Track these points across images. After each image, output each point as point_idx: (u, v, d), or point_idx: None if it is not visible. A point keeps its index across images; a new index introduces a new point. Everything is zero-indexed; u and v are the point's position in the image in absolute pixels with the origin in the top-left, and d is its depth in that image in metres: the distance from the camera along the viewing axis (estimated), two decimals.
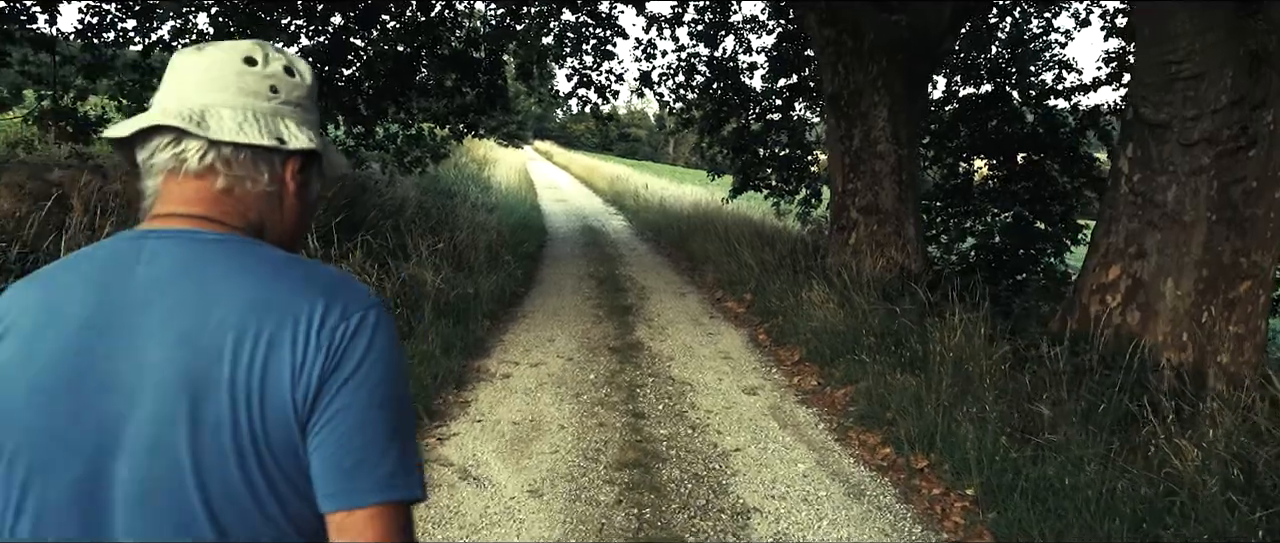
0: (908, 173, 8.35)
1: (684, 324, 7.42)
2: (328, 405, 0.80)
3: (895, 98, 8.25)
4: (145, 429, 0.79)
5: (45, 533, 0.80)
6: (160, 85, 0.92)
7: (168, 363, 0.80)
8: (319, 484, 0.81)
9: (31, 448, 0.80)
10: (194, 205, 0.89)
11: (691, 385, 5.59)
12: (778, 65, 12.97)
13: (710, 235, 10.51)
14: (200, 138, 0.88)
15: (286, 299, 0.83)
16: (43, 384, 0.81)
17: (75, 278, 0.86)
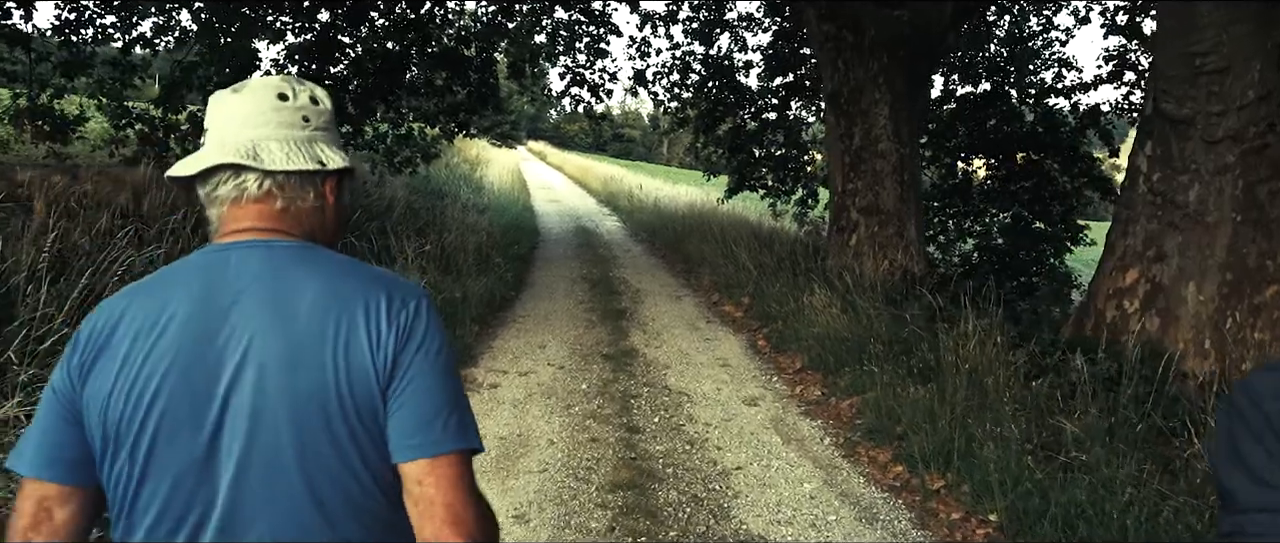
0: (909, 172, 8.04)
1: (680, 329, 7.09)
2: (404, 373, 0.98)
3: (896, 95, 7.93)
4: (252, 404, 0.94)
5: (161, 494, 0.95)
6: (206, 124, 1.07)
7: (266, 348, 0.95)
8: (401, 439, 0.97)
9: (153, 425, 0.95)
10: (261, 222, 1.05)
11: (689, 396, 5.26)
12: (774, 64, 12.65)
13: (706, 237, 10.18)
14: (256, 170, 1.03)
15: (356, 292, 1.00)
16: (161, 371, 0.95)
17: (177, 283, 1.01)
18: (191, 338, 0.97)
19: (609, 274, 9.87)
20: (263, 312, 0.98)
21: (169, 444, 0.95)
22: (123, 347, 0.97)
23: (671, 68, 13.14)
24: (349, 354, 0.96)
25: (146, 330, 0.98)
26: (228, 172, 1.04)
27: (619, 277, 9.72)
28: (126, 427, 0.96)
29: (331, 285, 1.00)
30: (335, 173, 1.11)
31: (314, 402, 0.95)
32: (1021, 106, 12.09)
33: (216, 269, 1.01)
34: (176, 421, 0.95)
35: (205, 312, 0.98)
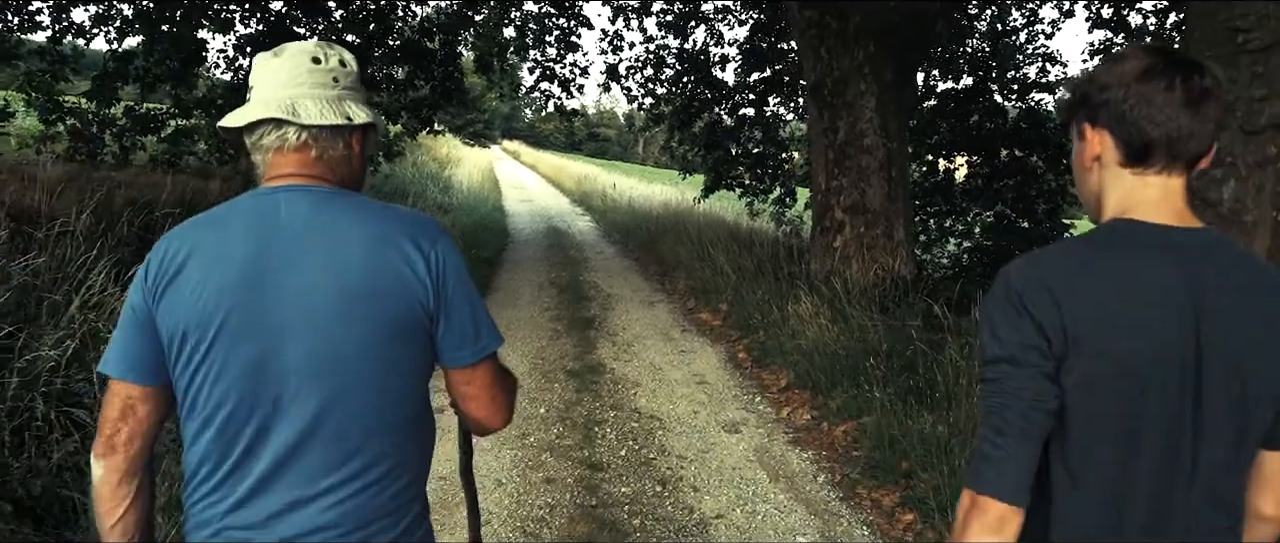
0: (897, 169, 7.38)
1: (652, 340, 6.37)
2: (447, 298, 1.18)
3: (883, 86, 7.26)
4: (312, 321, 1.12)
5: (232, 390, 1.12)
6: (252, 83, 1.23)
7: (321, 276, 1.12)
8: (450, 351, 1.21)
9: (226, 334, 1.11)
10: (301, 168, 1.20)
11: (661, 421, 4.54)
12: (751, 58, 11.97)
13: (682, 238, 9.46)
14: (295, 124, 1.19)
15: (395, 234, 1.16)
16: (229, 290, 1.11)
17: (235, 219, 1.16)
18: (254, 265, 1.12)
19: (579, 278, 9.13)
20: (317, 247, 1.14)
21: (237, 352, 1.12)
22: (194, 273, 1.13)
23: (645, 62, 12.43)
24: (396, 286, 1.14)
25: (214, 259, 1.13)
26: (270, 125, 1.19)
27: (589, 281, 8.98)
28: (198, 338, 1.12)
29: (375, 228, 1.16)
30: (360, 127, 1.26)
31: (366, 320, 1.13)
32: (1005, 103, 11.52)
33: (269, 209, 1.16)
34: (241, 336, 1.11)
35: (264, 244, 1.13)
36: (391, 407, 1.17)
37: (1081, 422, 1.03)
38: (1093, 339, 1.00)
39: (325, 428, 1.13)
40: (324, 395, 1.13)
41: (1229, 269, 1.05)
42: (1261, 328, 1.03)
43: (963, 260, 10.26)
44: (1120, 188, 1.10)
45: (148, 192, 6.90)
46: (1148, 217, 1.07)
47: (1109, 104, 1.07)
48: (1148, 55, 1.06)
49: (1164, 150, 1.05)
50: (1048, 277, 1.03)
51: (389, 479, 1.18)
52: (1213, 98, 1.04)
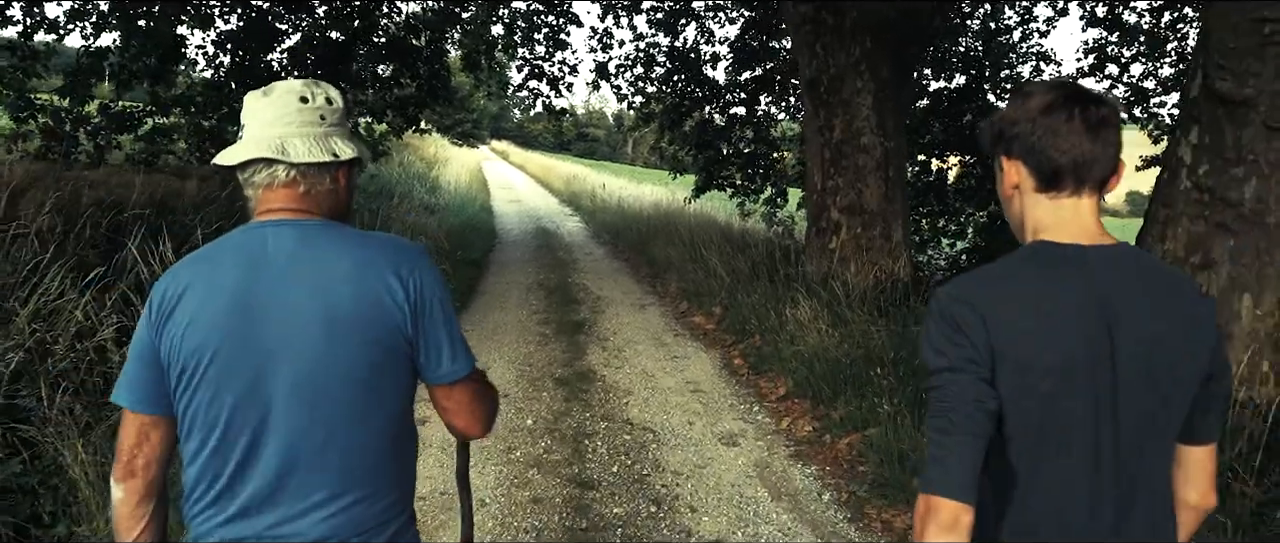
0: (895, 168, 7.14)
1: (644, 345, 6.10)
2: (424, 322, 1.23)
3: (880, 83, 7.03)
4: (299, 346, 1.17)
5: (226, 412, 1.19)
6: (243, 120, 1.28)
7: (306, 304, 1.18)
8: (430, 370, 1.27)
9: (219, 360, 1.18)
10: (289, 203, 1.26)
11: (654, 433, 4.27)
12: (742, 57, 11.72)
13: (673, 239, 9.20)
14: (284, 162, 1.24)
15: (377, 261, 1.22)
16: (222, 320, 1.18)
17: (225, 255, 1.23)
18: (243, 296, 1.19)
19: (568, 280, 8.86)
20: (303, 278, 1.19)
21: (229, 378, 1.18)
22: (190, 306, 1.19)
23: (635, 60, 12.13)
24: (377, 312, 1.20)
25: (207, 292, 1.19)
26: (261, 163, 1.24)
27: (578, 283, 8.70)
28: (195, 366, 1.18)
29: (357, 256, 1.22)
30: (346, 162, 1.31)
31: (350, 343, 1.18)
32: (999, 102, 11.32)
33: (257, 243, 1.22)
34: (233, 362, 1.18)
35: (252, 276, 1.20)
36: (374, 429, 1.23)
37: (1015, 429, 1.10)
38: (1014, 353, 1.08)
39: (311, 450, 1.20)
40: (309, 419, 1.19)
41: (1136, 278, 1.13)
42: (1167, 327, 1.11)
43: (960, 261, 10.01)
44: (1037, 211, 1.17)
45: (119, 191, 6.59)
46: (1062, 237, 1.14)
47: (1020, 137, 1.15)
48: (1050, 91, 1.15)
49: (1071, 175, 1.13)
50: (972, 298, 1.12)
51: (375, 496, 1.25)
52: (1110, 125, 1.12)
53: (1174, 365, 1.11)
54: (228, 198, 7.04)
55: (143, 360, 1.23)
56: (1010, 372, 1.08)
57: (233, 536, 1.20)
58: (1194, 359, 1.13)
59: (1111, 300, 1.10)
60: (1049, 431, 1.10)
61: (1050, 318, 1.09)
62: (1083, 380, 1.09)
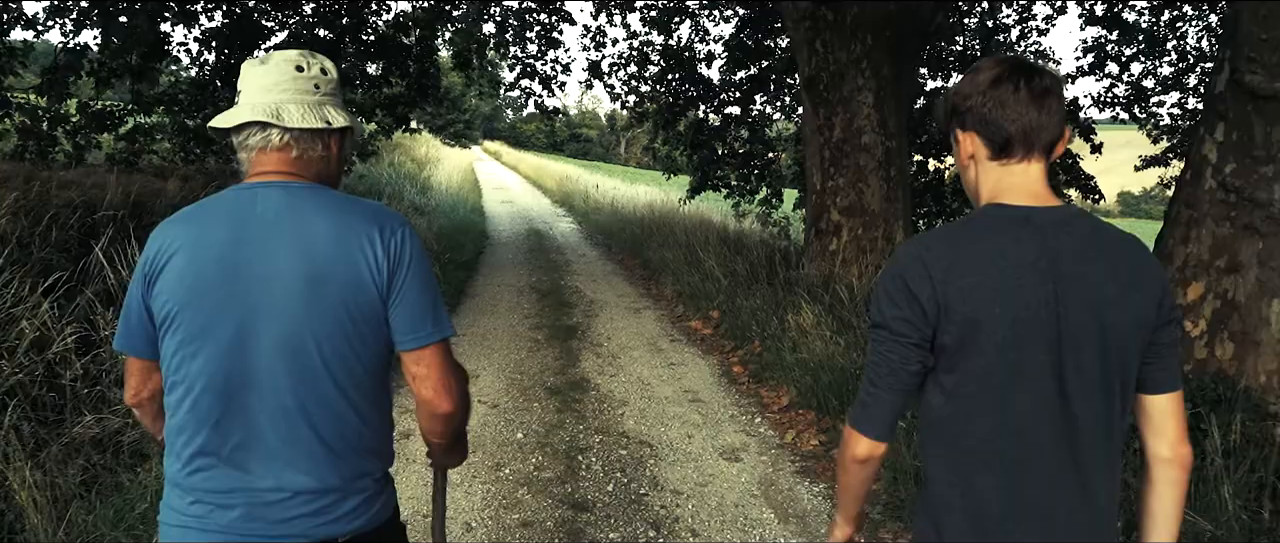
0: (897, 168, 6.89)
1: (640, 351, 5.84)
2: (398, 287, 1.25)
3: (881, 81, 6.78)
4: (280, 304, 1.20)
5: (207, 367, 1.22)
6: (239, 87, 1.31)
7: (288, 262, 1.21)
8: (401, 333, 1.27)
9: (202, 317, 1.21)
10: (281, 166, 1.29)
11: (652, 448, 4.01)
12: (737, 56, 11.46)
13: (668, 241, 8.94)
14: (279, 126, 1.27)
15: (358, 223, 1.25)
16: (207, 278, 1.21)
17: (215, 213, 1.25)
18: (228, 254, 1.21)
19: (561, 282, 8.59)
20: (287, 238, 1.22)
21: (212, 333, 1.21)
22: (178, 263, 1.22)
23: (629, 59, 11.87)
24: (356, 273, 1.22)
25: (195, 250, 1.22)
26: (256, 127, 1.27)
27: (572, 286, 8.43)
28: (180, 318, 1.22)
29: (340, 220, 1.24)
30: (339, 130, 1.34)
31: (328, 303, 1.21)
32: None
33: (246, 202, 1.25)
34: (218, 315, 1.21)
35: (240, 234, 1.22)
36: (351, 385, 1.25)
37: (966, 379, 1.16)
38: (965, 309, 1.13)
39: (289, 406, 1.22)
40: (288, 376, 1.21)
41: (1083, 238, 1.17)
42: (1114, 286, 1.15)
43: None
44: (991, 178, 1.22)
45: (94, 192, 6.29)
46: (1013, 200, 1.19)
47: (972, 110, 1.21)
48: (997, 65, 1.20)
49: (1021, 142, 1.19)
50: (926, 256, 1.18)
51: (350, 453, 1.27)
52: (1053, 93, 1.18)
53: (1123, 319, 1.15)
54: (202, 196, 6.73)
55: (136, 311, 1.29)
56: (956, 324, 1.13)
57: (210, 486, 1.23)
58: (1141, 312, 1.16)
59: (1060, 260, 1.14)
60: (1000, 381, 1.14)
61: (1001, 276, 1.14)
62: (1033, 334, 1.13)
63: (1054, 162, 1.27)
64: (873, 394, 1.20)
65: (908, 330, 1.17)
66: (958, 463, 1.19)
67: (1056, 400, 1.14)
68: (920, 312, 1.16)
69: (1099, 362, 1.15)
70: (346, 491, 1.26)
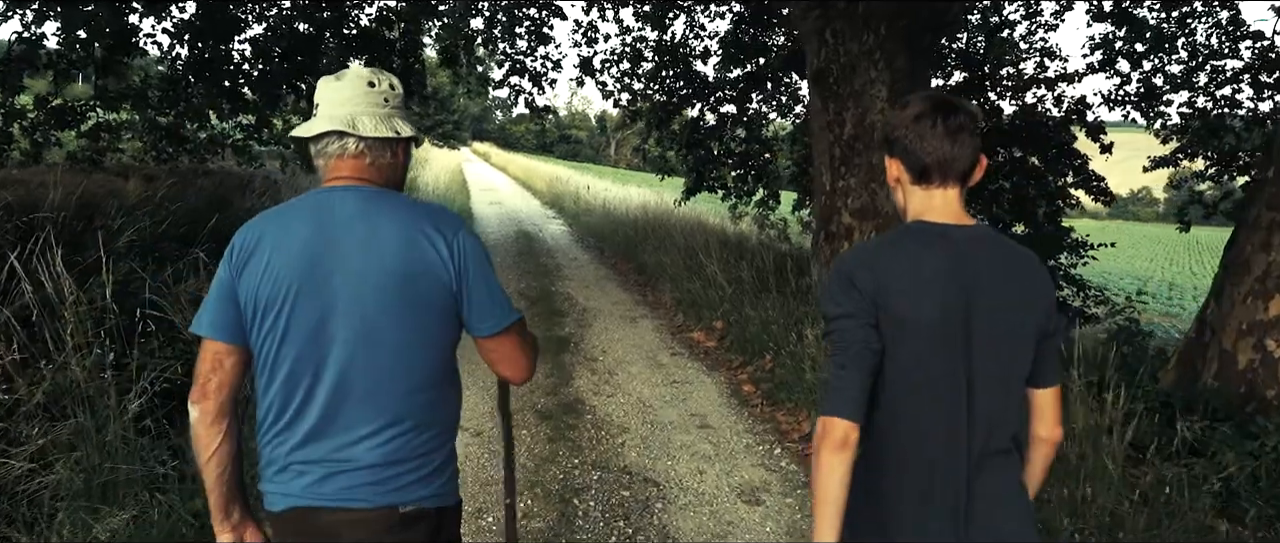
0: None
1: (638, 366, 5.24)
2: (467, 283, 1.36)
3: (896, 74, 6.21)
4: (356, 297, 1.31)
5: (292, 352, 1.33)
6: (316, 100, 1.43)
7: (364, 260, 1.32)
8: (475, 323, 1.39)
9: (287, 307, 1.32)
10: (356, 172, 1.39)
11: (658, 486, 3.42)
12: (733, 52, 10.88)
13: (665, 244, 8.34)
14: (354, 136, 1.38)
15: (425, 225, 1.36)
16: (291, 272, 1.32)
17: (300, 213, 1.36)
18: (311, 249, 1.32)
19: (551, 288, 7.97)
20: (361, 238, 1.32)
21: (297, 320, 1.32)
22: (265, 255, 1.33)
23: (621, 55, 11.27)
24: (423, 269, 1.33)
25: (281, 244, 1.33)
26: (334, 136, 1.38)
27: (563, 292, 7.82)
28: (268, 307, 1.33)
29: (409, 221, 1.35)
30: (405, 139, 1.45)
31: (399, 296, 1.32)
32: (1000, 101, 10.59)
33: (325, 205, 1.36)
34: (301, 305, 1.32)
35: (320, 233, 1.33)
36: (420, 370, 1.36)
37: (892, 372, 1.30)
38: (894, 309, 1.27)
39: (364, 387, 1.33)
40: (364, 360, 1.33)
41: (992, 254, 1.33)
42: (1017, 294, 1.32)
43: None
44: (915, 199, 1.38)
45: (39, 192, 5.65)
46: (933, 218, 1.35)
47: (898, 140, 1.37)
48: (921, 102, 1.34)
49: (937, 171, 1.33)
50: (867, 261, 1.33)
51: (418, 431, 1.37)
52: (966, 130, 1.33)
53: (1021, 324, 1.31)
54: (165, 199, 6.11)
55: (221, 297, 1.37)
56: (887, 322, 1.28)
57: (299, 459, 1.35)
58: (1035, 319, 1.33)
59: (971, 271, 1.29)
60: (918, 374, 1.29)
61: (922, 283, 1.28)
62: (947, 334, 1.27)
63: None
64: (842, 377, 1.27)
65: (866, 315, 1.28)
66: (880, 453, 1.32)
67: (963, 396, 1.28)
68: (867, 302, 1.28)
69: (1000, 361, 1.29)
70: (412, 464, 1.36)
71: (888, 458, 1.31)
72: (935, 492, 1.29)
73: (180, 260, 5.07)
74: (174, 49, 9.42)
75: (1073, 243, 6.89)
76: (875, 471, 1.32)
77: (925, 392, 1.28)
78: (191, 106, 9.46)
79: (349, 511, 1.32)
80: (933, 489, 1.29)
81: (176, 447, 3.17)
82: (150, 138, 9.61)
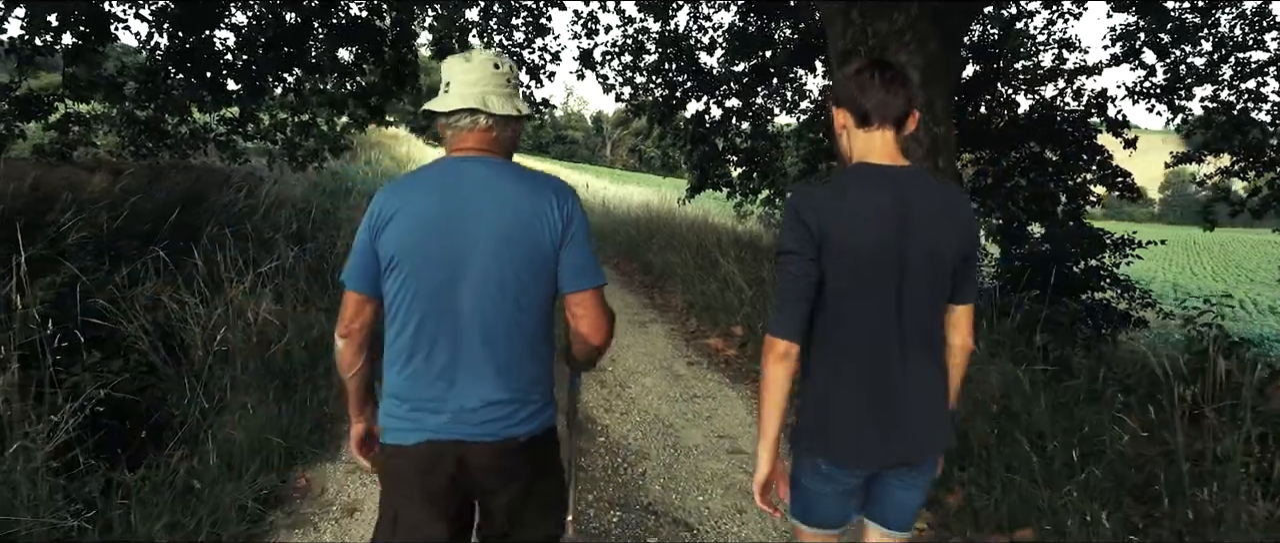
0: (944, 159, 5.73)
1: (653, 378, 4.63)
2: (568, 240, 1.53)
3: (929, 57, 5.60)
4: (481, 252, 1.49)
5: (423, 303, 1.50)
6: (447, 78, 1.61)
7: (490, 222, 1.49)
8: (566, 278, 1.54)
9: (420, 261, 1.49)
10: (482, 144, 1.58)
11: (691, 529, 2.81)
12: (738, 45, 10.27)
13: (673, 243, 7.73)
14: (485, 113, 1.55)
15: (542, 190, 1.54)
16: (424, 230, 1.49)
17: (430, 180, 1.54)
18: (444, 213, 1.49)
19: None
20: (488, 202, 1.50)
21: (429, 274, 1.49)
22: (401, 219, 1.50)
23: (623, 47, 10.65)
24: (539, 228, 1.50)
25: (417, 208, 1.50)
26: (466, 113, 1.55)
27: None
28: (402, 262, 1.50)
29: (528, 187, 1.53)
30: (522, 117, 1.62)
31: (518, 253, 1.49)
32: (1017, 94, 10.01)
33: (457, 173, 1.54)
34: (433, 260, 1.49)
35: (453, 198, 1.50)
36: (531, 317, 1.53)
37: (837, 289, 1.53)
38: (837, 239, 1.50)
39: (485, 332, 1.50)
40: (487, 309, 1.50)
41: (924, 190, 1.56)
42: (946, 227, 1.55)
43: (1014, 268, 7.95)
44: (858, 141, 1.60)
45: None
46: (873, 160, 1.58)
47: (843, 93, 1.62)
48: (862, 62, 1.60)
49: (877, 114, 1.57)
50: (813, 199, 1.54)
51: (527, 366, 1.55)
52: (898, 82, 1.59)
53: (946, 250, 1.55)
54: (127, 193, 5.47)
55: (362, 255, 1.56)
56: (831, 251, 1.50)
57: (425, 395, 1.52)
58: (959, 245, 1.57)
59: (907, 205, 1.51)
60: (856, 293, 1.52)
61: (863, 215, 1.51)
62: (882, 259, 1.51)
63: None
64: (784, 306, 1.53)
65: (805, 250, 1.52)
66: (830, 357, 1.57)
67: (899, 304, 1.54)
68: (809, 236, 1.51)
69: (927, 281, 1.55)
70: (525, 402, 1.55)
71: (831, 350, 1.56)
72: (870, 377, 1.55)
73: (140, 259, 4.44)
74: (152, 38, 8.76)
75: (1120, 240, 6.28)
76: (824, 362, 1.57)
77: (864, 303, 1.53)
78: (172, 99, 8.79)
79: (479, 443, 1.52)
80: (871, 376, 1.55)
81: (111, 483, 2.54)
82: (129, 132, 8.93)
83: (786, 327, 1.50)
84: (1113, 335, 5.66)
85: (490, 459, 1.51)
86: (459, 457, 1.51)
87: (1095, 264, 6.31)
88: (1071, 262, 6.26)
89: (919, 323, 1.54)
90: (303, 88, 9.71)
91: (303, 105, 9.80)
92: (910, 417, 1.55)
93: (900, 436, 1.55)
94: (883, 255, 1.49)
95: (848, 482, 1.60)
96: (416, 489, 1.53)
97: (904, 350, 1.53)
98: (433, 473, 1.52)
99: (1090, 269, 6.22)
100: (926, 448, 1.59)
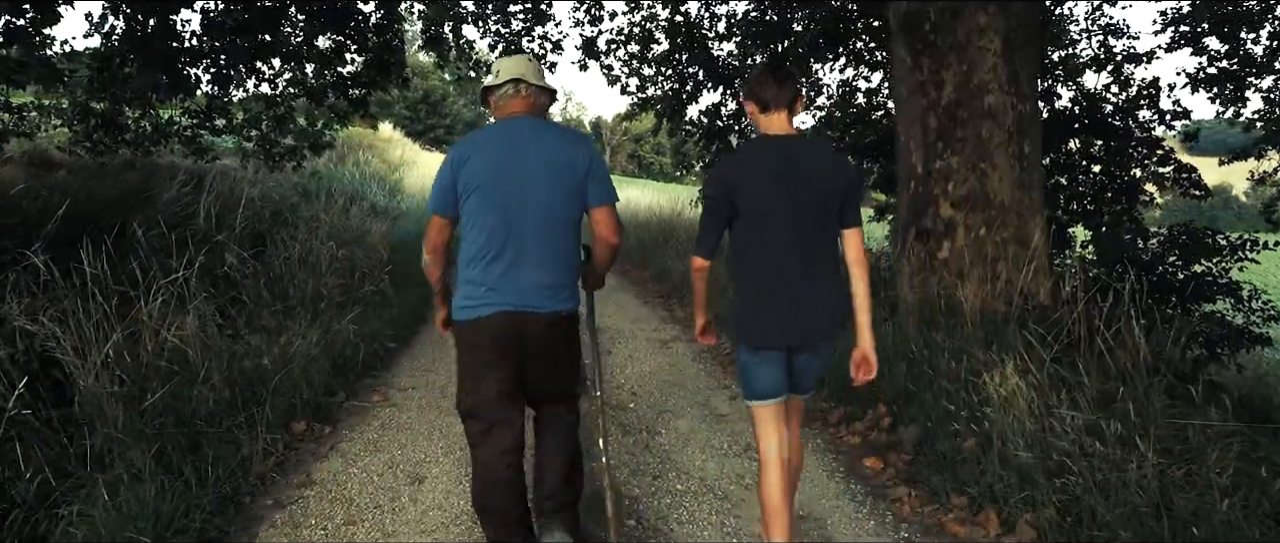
0: (1031, 142, 4.62)
1: (690, 420, 3.47)
2: (592, 173, 2.17)
3: (1012, 20, 4.50)
4: (535, 182, 2.12)
5: (494, 218, 2.11)
6: (497, 68, 2.30)
7: (540, 161, 2.13)
8: (593, 197, 2.18)
9: (492, 189, 2.11)
10: (524, 108, 2.24)
11: None
12: (753, 34, 9.14)
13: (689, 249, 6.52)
14: (525, 82, 2.25)
15: (574, 140, 2.23)
16: (493, 166, 2.12)
17: (494, 135, 2.18)
18: (504, 154, 2.13)
19: None
20: (535, 146, 2.14)
21: (497, 198, 2.10)
22: (476, 158, 2.12)
23: (629, 36, 9.50)
24: (574, 165, 2.15)
25: (486, 153, 2.13)
26: (512, 84, 2.24)
27: None
28: (478, 191, 2.11)
29: (563, 137, 2.20)
30: (552, 91, 2.34)
31: (561, 182, 2.13)
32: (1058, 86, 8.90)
33: (509, 128, 2.19)
34: (500, 188, 2.10)
35: (509, 144, 2.14)
36: (568, 229, 2.17)
37: (746, 222, 2.08)
38: (744, 186, 2.08)
39: (537, 236, 2.12)
40: (542, 221, 2.12)
41: (807, 150, 2.15)
42: (826, 175, 2.10)
43: (1117, 271, 6.49)
44: (761, 122, 2.18)
45: None
46: (773, 132, 2.15)
47: (749, 88, 2.19)
48: (763, 68, 2.20)
49: (772, 102, 2.13)
50: (728, 162, 2.16)
51: (565, 265, 2.19)
52: (788, 79, 2.15)
53: (830, 189, 2.09)
54: (28, 190, 4.31)
55: (444, 188, 2.16)
56: (742, 197, 2.07)
57: (501, 283, 2.12)
58: (837, 184, 2.11)
59: (796, 163, 2.08)
60: (759, 230, 2.07)
61: (761, 171, 2.08)
62: (779, 198, 2.05)
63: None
64: (702, 235, 2.15)
65: (725, 196, 2.09)
66: (746, 271, 2.13)
67: (792, 232, 2.07)
68: (723, 187, 2.10)
69: (815, 211, 2.08)
70: (564, 287, 2.18)
71: (747, 266, 2.12)
72: (773, 285, 2.10)
73: (19, 267, 3.27)
74: (106, 22, 7.58)
75: (1234, 242, 5.14)
76: (742, 276, 2.15)
77: (764, 233, 2.08)
78: (129, 90, 7.60)
79: (534, 313, 2.13)
80: (774, 283, 2.10)
81: None
82: (82, 126, 7.73)
83: (705, 248, 2.16)
84: (1231, 356, 4.54)
85: (541, 328, 2.14)
86: (520, 324, 2.11)
87: (1201, 269, 5.15)
88: (1176, 267, 5.13)
89: (810, 245, 2.10)
90: (278, 78, 8.57)
91: (278, 98, 8.64)
92: (801, 311, 2.10)
93: (796, 324, 2.10)
94: (776, 196, 2.06)
95: (768, 357, 2.13)
96: (490, 349, 2.11)
97: (800, 265, 2.08)
98: (503, 335, 2.11)
99: (1195, 276, 5.07)
100: (814, 334, 2.14)
